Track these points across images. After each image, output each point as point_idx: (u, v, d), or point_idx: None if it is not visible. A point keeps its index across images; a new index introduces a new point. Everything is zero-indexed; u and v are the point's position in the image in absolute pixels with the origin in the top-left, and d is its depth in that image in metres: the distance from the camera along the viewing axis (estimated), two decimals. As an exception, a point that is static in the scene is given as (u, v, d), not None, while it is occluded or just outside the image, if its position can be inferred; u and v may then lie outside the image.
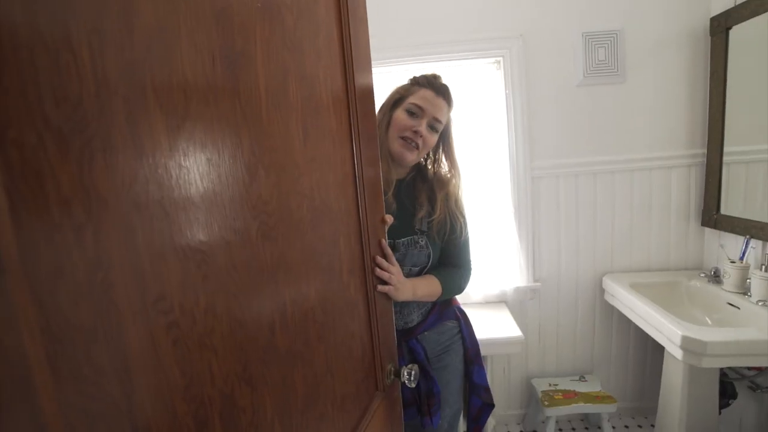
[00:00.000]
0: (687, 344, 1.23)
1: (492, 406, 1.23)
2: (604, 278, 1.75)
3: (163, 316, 0.30)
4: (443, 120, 1.00)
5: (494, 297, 1.83)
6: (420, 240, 1.02)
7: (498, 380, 1.91)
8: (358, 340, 0.60)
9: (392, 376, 0.72)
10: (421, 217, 1.03)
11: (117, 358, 0.26)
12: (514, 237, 1.78)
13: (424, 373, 1.05)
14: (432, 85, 0.99)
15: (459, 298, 1.20)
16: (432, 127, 0.99)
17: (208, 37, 0.31)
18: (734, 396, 1.50)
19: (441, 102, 0.98)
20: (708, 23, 1.57)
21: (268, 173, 0.38)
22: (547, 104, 1.68)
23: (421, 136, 0.96)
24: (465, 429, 1.25)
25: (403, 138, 0.97)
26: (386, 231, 0.76)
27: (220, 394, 0.34)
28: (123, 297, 0.26)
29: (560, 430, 1.88)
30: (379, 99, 0.95)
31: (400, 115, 0.99)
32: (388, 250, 0.79)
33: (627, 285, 1.63)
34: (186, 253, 0.31)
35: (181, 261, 0.31)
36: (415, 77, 1.04)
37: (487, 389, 1.20)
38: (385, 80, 1.03)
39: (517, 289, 1.80)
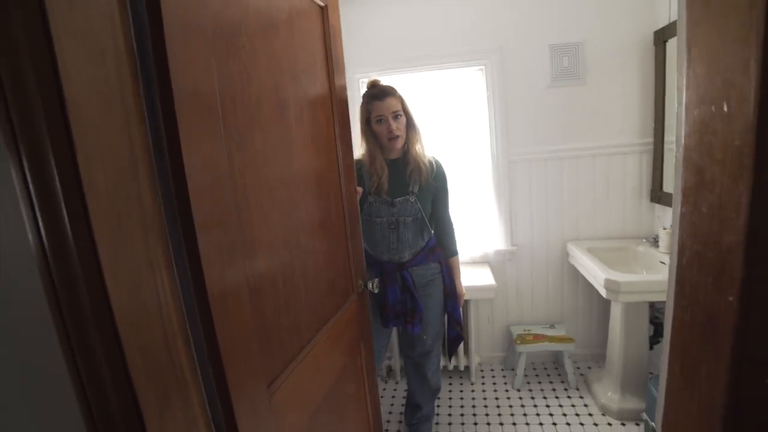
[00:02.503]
0: (608, 285, 1.63)
1: (461, 337, 1.74)
2: (568, 244, 2.15)
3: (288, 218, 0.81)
4: (397, 109, 1.44)
5: (478, 258, 2.28)
6: (411, 198, 1.50)
7: (483, 327, 2.36)
8: (341, 256, 1.05)
9: (363, 287, 1.18)
10: (412, 182, 1.49)
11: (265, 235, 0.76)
12: (494, 209, 2.22)
13: (411, 295, 1.53)
14: (376, 96, 1.44)
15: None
16: (395, 116, 1.44)
17: (285, 84, 0.82)
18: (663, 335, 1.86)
19: (388, 101, 1.42)
20: (652, 36, 1.92)
21: (294, 153, 0.88)
22: (521, 103, 2.09)
23: (394, 129, 1.43)
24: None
25: (388, 138, 1.46)
26: (359, 198, 1.26)
27: (280, 260, 0.83)
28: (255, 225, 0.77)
29: (534, 369, 2.31)
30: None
31: (376, 127, 1.46)
32: None
33: (585, 249, 2.02)
34: (271, 192, 0.82)
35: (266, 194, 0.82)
36: (363, 95, 1.49)
37: (459, 323, 1.68)
38: (394, 85, 1.54)
39: (497, 252, 2.24)
